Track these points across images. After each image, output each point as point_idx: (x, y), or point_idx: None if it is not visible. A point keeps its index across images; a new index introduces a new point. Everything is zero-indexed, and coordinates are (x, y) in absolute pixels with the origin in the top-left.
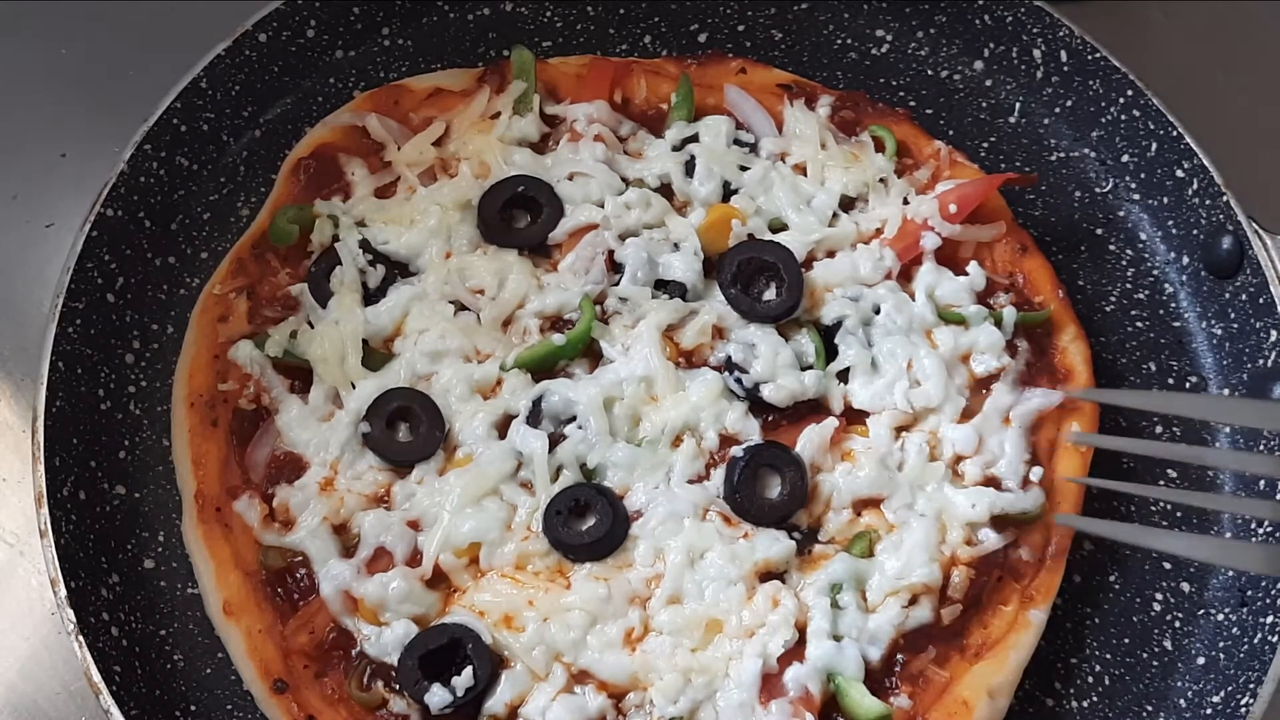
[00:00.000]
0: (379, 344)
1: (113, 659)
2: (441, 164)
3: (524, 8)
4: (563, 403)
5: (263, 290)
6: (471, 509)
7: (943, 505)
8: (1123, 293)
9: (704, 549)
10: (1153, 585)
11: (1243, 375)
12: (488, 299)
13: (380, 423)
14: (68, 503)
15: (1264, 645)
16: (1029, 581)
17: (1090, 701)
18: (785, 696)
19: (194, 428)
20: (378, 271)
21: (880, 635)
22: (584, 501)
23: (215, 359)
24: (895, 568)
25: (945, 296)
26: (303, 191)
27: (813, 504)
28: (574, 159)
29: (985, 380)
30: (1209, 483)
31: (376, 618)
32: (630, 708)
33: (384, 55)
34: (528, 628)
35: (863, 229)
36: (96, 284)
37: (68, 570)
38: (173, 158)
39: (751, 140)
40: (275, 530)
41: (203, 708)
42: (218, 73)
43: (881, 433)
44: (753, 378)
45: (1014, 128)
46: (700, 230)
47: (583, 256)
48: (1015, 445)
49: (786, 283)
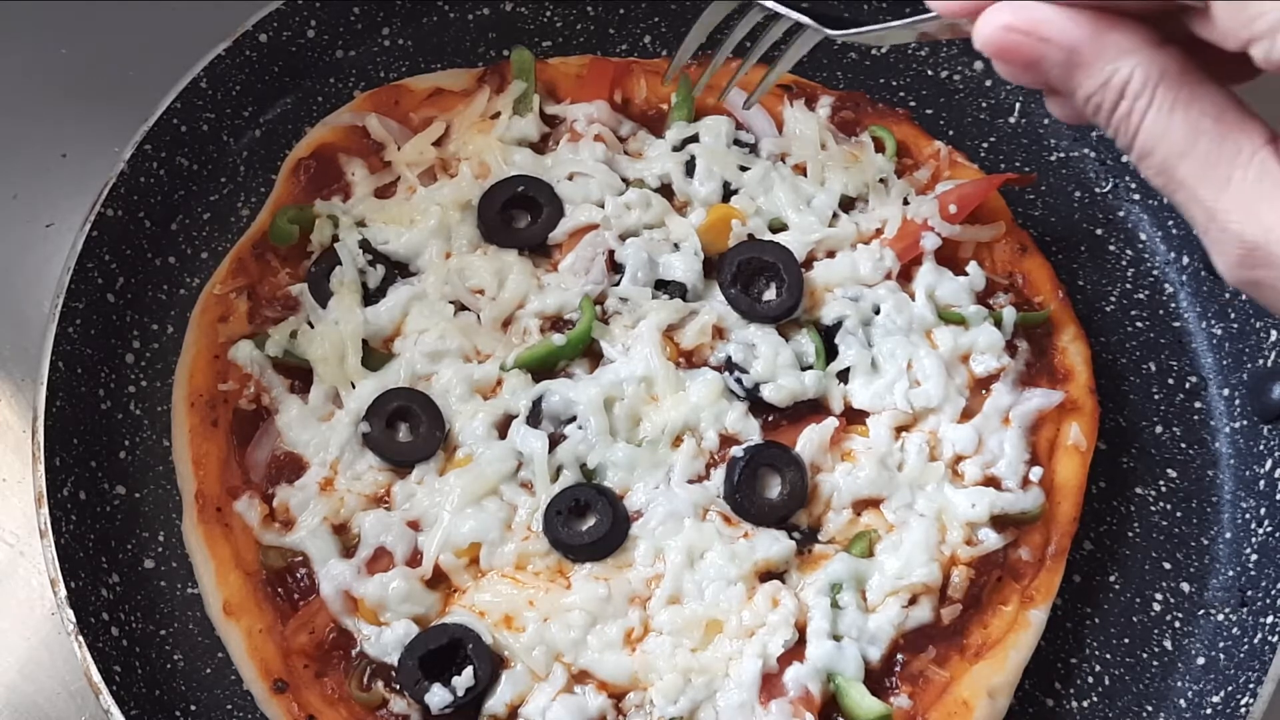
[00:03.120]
0: (379, 344)
1: (113, 659)
2: (441, 164)
3: (524, 8)
4: (563, 403)
5: (263, 290)
6: (471, 509)
7: (942, 505)
8: (1123, 293)
9: (704, 549)
10: (1153, 585)
11: (1242, 375)
12: (488, 299)
13: (380, 423)
14: (68, 503)
15: (1264, 645)
16: (1029, 581)
17: (1090, 701)
18: (785, 696)
19: (194, 428)
20: (378, 271)
21: (880, 635)
22: (584, 501)
23: (215, 359)
24: (895, 568)
25: (945, 296)
26: (303, 191)
27: (813, 504)
28: (574, 159)
29: (985, 380)
30: (1209, 482)
31: (377, 618)
32: (630, 708)
33: (384, 55)
34: (528, 628)
35: (863, 229)
36: (96, 284)
37: (68, 570)
38: (173, 158)
39: (751, 140)
40: (275, 530)
41: (203, 707)
42: (218, 73)
43: (881, 433)
44: (753, 378)
45: (1014, 128)
46: (700, 230)
47: (583, 256)
48: (1015, 445)
49: (786, 283)
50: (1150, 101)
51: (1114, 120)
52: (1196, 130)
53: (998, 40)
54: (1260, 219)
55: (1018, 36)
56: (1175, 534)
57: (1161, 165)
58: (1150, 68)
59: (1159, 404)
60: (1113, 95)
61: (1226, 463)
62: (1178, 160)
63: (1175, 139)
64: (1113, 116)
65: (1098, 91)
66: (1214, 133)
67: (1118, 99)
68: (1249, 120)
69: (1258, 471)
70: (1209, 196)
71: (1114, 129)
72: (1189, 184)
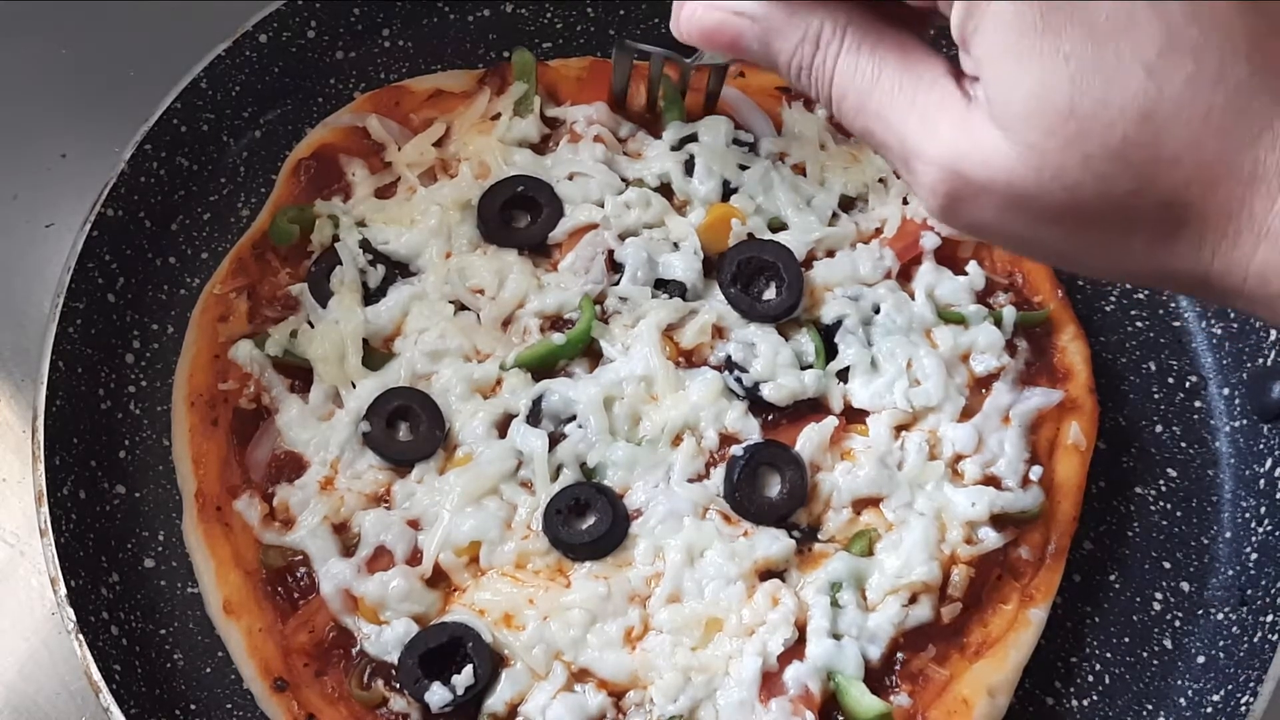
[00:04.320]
0: (379, 343)
1: (113, 658)
2: (442, 164)
3: (524, 9)
4: (563, 402)
5: (263, 290)
6: (471, 508)
7: (942, 504)
8: (1123, 292)
9: (704, 547)
10: (1153, 584)
11: (1242, 375)
12: (488, 299)
13: (380, 422)
14: (68, 502)
15: (1264, 644)
16: (1029, 580)
17: (1090, 700)
18: (785, 695)
19: (194, 427)
20: (378, 271)
21: (880, 634)
22: (584, 500)
23: (215, 359)
24: (895, 566)
25: (945, 296)
26: (303, 192)
27: (812, 503)
28: (574, 159)
29: (985, 379)
30: (1209, 482)
31: (377, 616)
32: (630, 706)
33: (384, 56)
34: (528, 626)
35: (862, 228)
36: (96, 284)
37: (68, 569)
38: (173, 158)
39: (751, 139)
40: (275, 529)
41: (203, 706)
42: (218, 73)
43: (881, 432)
44: (752, 377)
45: None
46: (700, 230)
47: (583, 256)
48: (1015, 444)
49: (786, 282)
50: (841, 46)
51: (812, 73)
52: (883, 64)
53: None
54: (940, 137)
55: (715, 17)
56: (1175, 533)
57: (856, 103)
58: (837, 16)
59: (1159, 403)
60: (809, 49)
61: (1226, 462)
62: (868, 94)
63: (864, 74)
64: (811, 71)
65: (795, 50)
66: (898, 64)
67: (814, 50)
68: (931, 55)
69: (1258, 471)
70: (897, 119)
71: (813, 81)
72: (881, 113)
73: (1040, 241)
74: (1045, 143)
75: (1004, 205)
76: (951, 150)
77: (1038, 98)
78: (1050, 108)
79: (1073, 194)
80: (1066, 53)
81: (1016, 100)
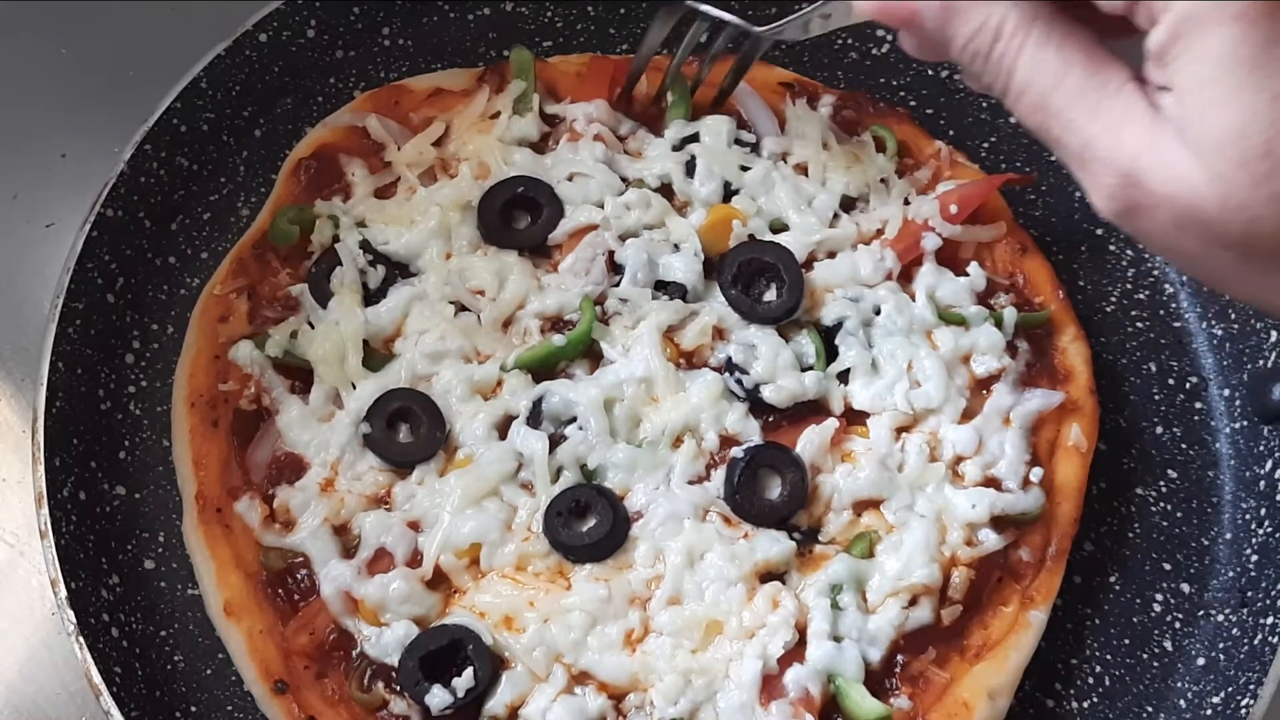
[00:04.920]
0: (379, 344)
1: (113, 660)
2: (441, 164)
3: (524, 7)
4: (563, 403)
5: (263, 290)
6: (472, 510)
7: (943, 506)
8: (1123, 293)
9: (704, 550)
10: (1153, 586)
11: (1243, 376)
12: (488, 300)
13: (380, 423)
14: (68, 503)
15: (1264, 646)
16: (1029, 582)
17: (1090, 702)
18: (785, 697)
19: (194, 428)
20: (378, 272)
21: (880, 636)
22: (584, 502)
23: (215, 359)
24: (895, 568)
25: (946, 297)
26: (303, 192)
27: (813, 505)
28: (574, 159)
29: (985, 381)
30: (1209, 483)
31: (377, 618)
32: (630, 709)
33: (384, 55)
34: (528, 629)
35: (863, 230)
36: (96, 284)
37: (68, 571)
38: (173, 158)
39: (752, 140)
40: (276, 531)
41: (203, 708)
42: (218, 73)
43: (882, 434)
44: (753, 379)
45: (1014, 128)
46: (700, 231)
47: (583, 257)
48: (1015, 446)
49: (787, 283)
50: (1025, 40)
51: (990, 62)
52: (1068, 63)
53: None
54: (1124, 145)
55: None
56: (1175, 534)
57: (1037, 100)
58: (1023, 10)
59: (1159, 404)
60: (988, 37)
61: (1227, 463)
62: (1051, 92)
63: (1048, 72)
64: (989, 59)
65: (974, 36)
66: (1084, 65)
67: (994, 40)
68: (1114, 60)
69: (1258, 472)
70: (1081, 121)
71: (990, 71)
72: (1064, 113)
73: (1207, 262)
74: (1236, 174)
75: (1179, 223)
76: (1135, 161)
77: (1237, 131)
78: (1248, 143)
79: (1253, 226)
80: (1275, 93)
81: (1214, 129)
